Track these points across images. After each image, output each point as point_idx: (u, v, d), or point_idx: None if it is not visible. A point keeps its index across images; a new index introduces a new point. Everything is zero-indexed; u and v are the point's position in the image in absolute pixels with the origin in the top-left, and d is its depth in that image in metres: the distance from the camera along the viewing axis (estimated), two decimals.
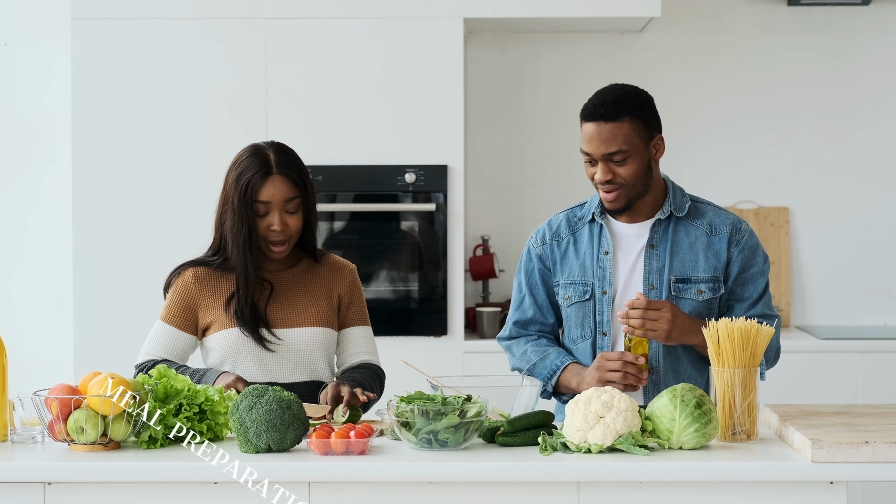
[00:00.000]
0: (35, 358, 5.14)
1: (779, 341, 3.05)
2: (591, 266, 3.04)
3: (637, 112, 2.93)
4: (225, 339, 3.04)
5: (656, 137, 2.98)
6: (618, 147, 2.91)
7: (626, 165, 2.92)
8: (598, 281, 3.03)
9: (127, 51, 4.74)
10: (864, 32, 5.24)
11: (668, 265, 2.99)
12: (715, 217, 3.04)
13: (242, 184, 3.00)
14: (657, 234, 3.02)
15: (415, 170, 4.72)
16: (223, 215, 3.06)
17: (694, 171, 5.29)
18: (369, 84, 4.74)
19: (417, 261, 4.76)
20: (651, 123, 2.96)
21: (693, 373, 3.02)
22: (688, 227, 3.02)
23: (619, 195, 2.95)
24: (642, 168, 2.94)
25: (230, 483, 2.47)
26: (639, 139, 2.93)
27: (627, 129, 2.91)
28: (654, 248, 3.01)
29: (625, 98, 2.94)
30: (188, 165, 4.72)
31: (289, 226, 3.03)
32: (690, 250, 3.00)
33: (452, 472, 2.45)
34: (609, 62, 5.27)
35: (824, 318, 5.27)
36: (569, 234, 3.11)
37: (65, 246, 4.98)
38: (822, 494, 2.45)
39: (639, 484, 2.46)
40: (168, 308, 3.10)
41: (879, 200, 5.26)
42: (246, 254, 3.02)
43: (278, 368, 3.06)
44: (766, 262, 3.05)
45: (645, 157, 2.95)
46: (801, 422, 2.66)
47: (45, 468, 2.50)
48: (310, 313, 3.09)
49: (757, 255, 3.03)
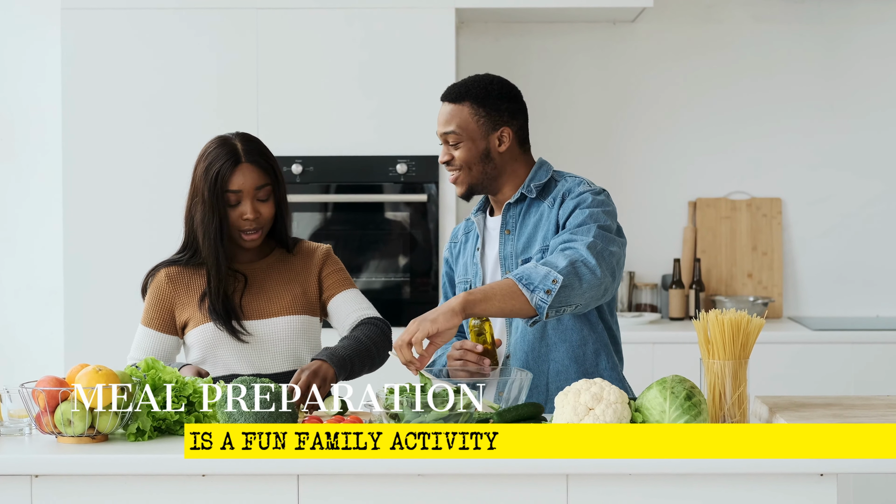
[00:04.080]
0: (26, 349, 5.14)
1: (581, 256, 2.74)
2: (469, 263, 3.10)
3: (480, 100, 2.96)
4: (202, 334, 3.04)
5: (502, 129, 2.97)
6: (451, 128, 2.96)
7: (459, 149, 2.97)
8: (473, 277, 3.07)
9: (117, 42, 4.73)
10: (856, 24, 5.23)
11: (520, 247, 2.98)
12: (562, 187, 2.97)
13: (212, 174, 3.00)
14: (512, 218, 3.01)
15: (406, 160, 4.71)
16: (192, 209, 3.05)
17: (686, 162, 5.29)
18: (360, 75, 4.73)
19: (409, 251, 4.76)
20: (495, 115, 2.97)
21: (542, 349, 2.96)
22: (538, 206, 3.00)
23: (458, 179, 3.00)
24: (476, 155, 2.96)
25: (218, 476, 2.46)
26: (476, 126, 2.96)
27: (466, 113, 2.96)
28: (510, 234, 3.01)
29: (474, 85, 2.98)
30: (179, 157, 4.70)
31: (261, 213, 3.03)
32: (535, 228, 2.98)
33: (441, 465, 2.44)
34: (601, 53, 5.27)
35: (816, 309, 5.27)
36: (463, 236, 3.18)
37: (55, 237, 4.98)
38: (812, 487, 2.44)
39: (628, 476, 2.45)
40: (147, 311, 3.10)
41: (872, 191, 5.26)
42: (217, 245, 3.01)
43: (260, 360, 3.05)
44: (595, 211, 2.85)
45: (481, 145, 2.96)
46: (791, 413, 2.65)
47: (32, 461, 2.48)
48: (286, 302, 3.09)
49: (582, 206, 2.86)
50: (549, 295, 2.69)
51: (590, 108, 5.29)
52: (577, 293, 2.72)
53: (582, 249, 2.76)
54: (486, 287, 2.73)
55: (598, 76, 5.28)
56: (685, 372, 2.94)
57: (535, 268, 2.73)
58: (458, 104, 2.96)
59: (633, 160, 5.30)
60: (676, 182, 5.30)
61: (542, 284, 2.69)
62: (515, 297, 2.71)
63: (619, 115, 5.27)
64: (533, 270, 2.72)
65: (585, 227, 2.83)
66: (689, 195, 5.30)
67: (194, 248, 3.07)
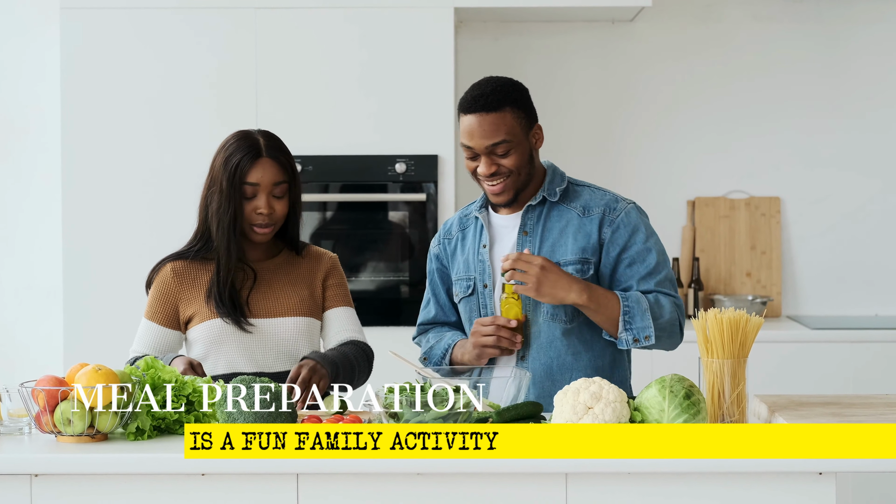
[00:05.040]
0: (26, 349, 5.14)
1: (677, 319, 2.94)
2: (473, 261, 3.05)
3: (517, 102, 2.91)
4: (208, 329, 3.04)
5: (535, 127, 2.96)
6: (501, 138, 2.88)
7: (509, 156, 2.90)
8: (478, 275, 3.03)
9: (116, 41, 4.73)
10: (855, 22, 5.24)
11: (539, 250, 2.96)
12: (590, 199, 2.99)
13: (232, 165, 3.01)
14: (530, 220, 2.99)
15: (405, 160, 4.71)
16: (208, 198, 3.06)
17: (685, 161, 5.29)
18: (360, 74, 4.73)
19: (408, 251, 4.76)
20: (531, 113, 2.94)
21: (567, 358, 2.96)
22: (561, 211, 2.98)
23: (506, 186, 2.93)
24: (525, 157, 2.92)
25: (218, 475, 2.46)
26: (520, 129, 2.91)
27: (509, 119, 2.89)
28: (527, 235, 2.98)
29: (505, 88, 2.91)
30: (178, 156, 4.71)
31: (275, 210, 3.04)
32: (561, 234, 2.96)
33: (440, 464, 2.44)
34: (600, 52, 5.27)
35: (815, 308, 5.27)
36: (458, 232, 3.12)
37: (55, 237, 4.97)
38: (811, 486, 2.44)
39: (627, 475, 2.45)
40: (150, 305, 3.11)
41: (871, 190, 5.26)
42: (230, 234, 3.02)
43: (264, 358, 3.06)
44: (650, 238, 2.96)
45: (527, 146, 2.93)
46: (790, 412, 2.65)
47: (31, 460, 2.49)
48: (293, 302, 3.09)
49: (638, 233, 2.95)
50: (636, 343, 2.88)
51: (588, 108, 5.29)
52: (652, 342, 2.90)
53: (681, 316, 2.95)
54: (601, 298, 2.87)
55: (596, 75, 5.29)
56: (684, 371, 2.94)
57: (641, 309, 2.87)
58: (498, 112, 2.88)
59: (631, 159, 5.30)
60: (675, 181, 5.30)
61: (639, 332, 2.87)
62: (610, 321, 2.88)
63: (617, 114, 5.27)
64: (638, 310, 2.87)
65: (667, 280, 2.95)
66: (688, 194, 5.30)
67: (206, 238, 3.08)
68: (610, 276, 2.96)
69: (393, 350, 2.98)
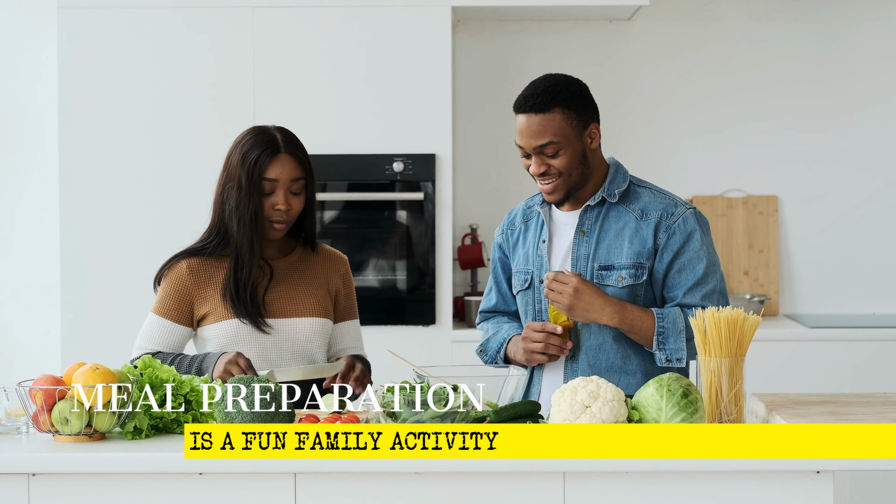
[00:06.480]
0: (23, 348, 5.13)
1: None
2: (532, 255, 3.04)
3: (568, 102, 2.88)
4: (224, 329, 3.02)
5: (591, 126, 2.93)
6: (548, 139, 2.87)
7: (558, 157, 2.88)
8: (536, 269, 3.02)
9: (114, 40, 4.72)
10: (852, 21, 5.24)
11: (594, 252, 2.95)
12: (650, 201, 2.98)
13: (250, 161, 3.00)
14: (588, 220, 2.98)
15: (403, 159, 4.71)
16: (225, 195, 3.04)
17: (682, 160, 5.29)
18: (357, 73, 4.73)
19: (406, 250, 4.76)
20: (584, 113, 2.91)
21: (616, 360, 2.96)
22: (620, 213, 2.97)
23: (556, 186, 2.92)
24: (576, 158, 2.90)
25: (216, 474, 2.46)
26: (571, 130, 2.89)
27: (558, 120, 2.87)
28: (584, 235, 2.97)
29: (555, 88, 2.89)
30: (176, 155, 4.70)
31: (292, 206, 3.04)
32: (618, 236, 2.95)
33: (440, 464, 2.44)
34: (597, 51, 5.27)
35: (812, 306, 5.28)
36: (522, 223, 3.12)
37: (53, 235, 4.97)
38: (809, 484, 2.45)
39: (625, 473, 2.46)
40: (161, 301, 3.07)
41: (868, 189, 5.27)
42: (252, 230, 3.01)
43: (277, 358, 3.06)
44: (703, 246, 2.95)
45: (579, 147, 2.90)
46: (787, 411, 2.66)
47: (29, 459, 2.49)
48: (309, 303, 3.09)
49: (692, 240, 2.94)
50: (668, 362, 2.90)
51: None
52: (683, 365, 2.92)
53: None
54: (635, 320, 2.89)
55: (594, 74, 5.28)
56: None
57: (676, 330, 2.88)
58: (547, 113, 2.86)
59: (629, 157, 5.29)
60: (672, 179, 5.29)
61: (671, 353, 2.89)
62: (645, 340, 2.90)
63: (614, 112, 5.27)
64: (672, 331, 2.88)
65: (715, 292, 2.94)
66: (685, 193, 5.30)
67: (223, 234, 3.06)
68: (662, 280, 2.96)
69: (391, 349, 2.98)
